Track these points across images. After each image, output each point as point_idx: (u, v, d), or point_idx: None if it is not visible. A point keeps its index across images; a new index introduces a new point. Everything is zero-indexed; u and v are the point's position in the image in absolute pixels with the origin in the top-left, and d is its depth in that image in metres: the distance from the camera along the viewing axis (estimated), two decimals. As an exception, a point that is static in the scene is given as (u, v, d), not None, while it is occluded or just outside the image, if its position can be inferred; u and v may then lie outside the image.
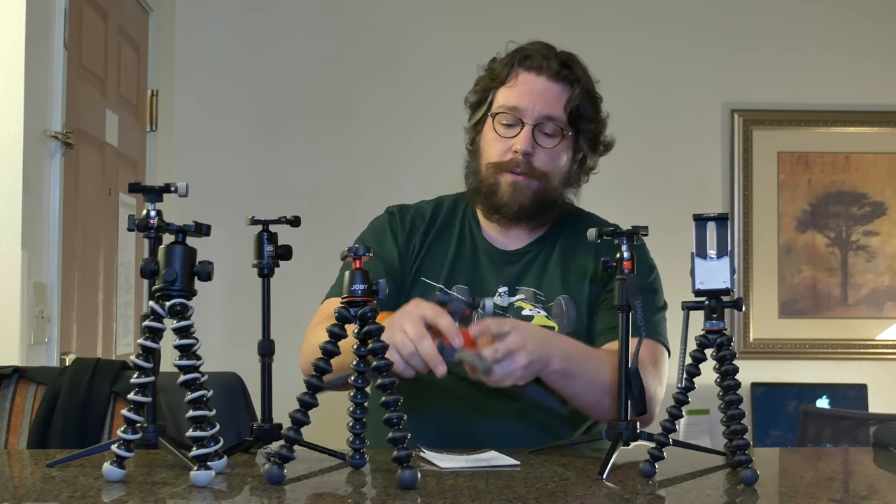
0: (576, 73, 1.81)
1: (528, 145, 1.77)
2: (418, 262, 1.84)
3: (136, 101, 3.28)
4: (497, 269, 1.83)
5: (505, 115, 1.79)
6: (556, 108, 1.78)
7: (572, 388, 1.61)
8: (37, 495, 1.22)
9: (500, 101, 1.81)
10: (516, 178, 1.78)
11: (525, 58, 1.80)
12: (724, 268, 1.28)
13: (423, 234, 1.87)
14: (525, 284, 1.82)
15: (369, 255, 1.26)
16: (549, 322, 1.78)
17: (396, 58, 3.68)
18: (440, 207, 1.92)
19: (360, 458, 1.33)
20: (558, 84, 1.79)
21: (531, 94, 1.78)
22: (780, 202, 3.73)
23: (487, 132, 1.83)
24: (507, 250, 1.86)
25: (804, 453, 1.94)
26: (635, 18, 3.74)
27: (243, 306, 3.37)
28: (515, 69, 1.80)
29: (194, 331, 1.24)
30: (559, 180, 1.82)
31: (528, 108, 1.77)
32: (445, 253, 1.85)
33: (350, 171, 3.66)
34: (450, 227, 1.89)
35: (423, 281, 1.83)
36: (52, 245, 2.51)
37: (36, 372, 1.87)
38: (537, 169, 1.78)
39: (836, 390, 3.58)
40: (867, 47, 3.74)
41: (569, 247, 1.85)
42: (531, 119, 1.77)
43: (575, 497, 1.20)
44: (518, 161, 1.77)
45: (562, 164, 1.82)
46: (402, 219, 1.89)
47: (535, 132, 1.78)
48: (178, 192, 1.34)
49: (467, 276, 1.82)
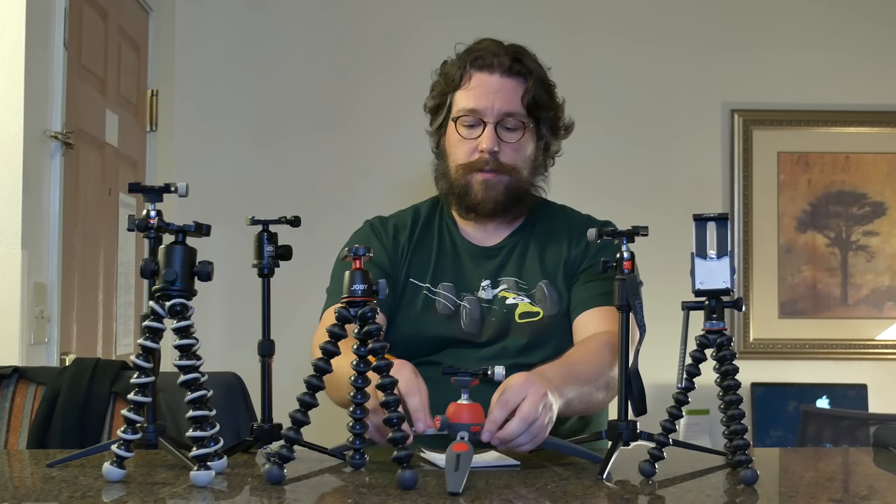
0: (527, 66, 1.85)
1: (492, 143, 1.81)
2: (406, 265, 1.88)
3: (136, 101, 3.28)
4: (478, 265, 1.88)
5: (466, 118, 1.84)
6: (513, 103, 1.82)
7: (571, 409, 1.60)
8: (37, 495, 1.22)
9: (459, 104, 1.85)
10: (486, 176, 1.83)
11: (476, 58, 1.84)
12: (724, 268, 1.28)
13: (408, 237, 1.91)
14: (506, 275, 1.86)
15: (369, 255, 1.27)
16: (533, 307, 1.82)
17: (397, 57, 3.68)
18: (418, 213, 1.97)
19: (360, 458, 1.33)
20: (512, 79, 1.83)
21: (487, 94, 1.82)
22: (780, 202, 3.73)
23: (451, 135, 1.87)
24: (486, 246, 1.91)
25: (804, 453, 1.94)
26: (635, 19, 3.74)
27: (243, 306, 3.37)
28: (468, 70, 1.84)
29: (194, 331, 1.24)
30: (528, 171, 1.87)
31: (487, 107, 1.82)
32: (429, 255, 1.90)
33: (350, 170, 3.66)
34: (429, 230, 1.94)
35: (411, 282, 1.87)
36: (52, 245, 2.51)
37: (36, 372, 1.87)
38: (505, 164, 1.83)
39: (836, 390, 3.58)
40: (867, 47, 3.74)
41: (544, 236, 1.90)
42: (492, 118, 1.82)
43: (575, 497, 1.20)
44: (486, 159, 1.82)
45: (528, 155, 1.87)
46: (384, 226, 1.94)
47: (498, 129, 1.82)
48: (178, 192, 1.34)
49: (451, 275, 1.87)
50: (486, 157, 1.82)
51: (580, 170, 3.53)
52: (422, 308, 1.84)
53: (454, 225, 1.94)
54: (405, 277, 1.87)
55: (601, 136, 3.60)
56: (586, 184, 3.57)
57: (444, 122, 1.89)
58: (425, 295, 1.85)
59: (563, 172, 2.01)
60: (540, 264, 1.86)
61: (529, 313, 1.81)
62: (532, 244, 1.89)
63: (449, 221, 1.94)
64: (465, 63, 1.85)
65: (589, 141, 3.60)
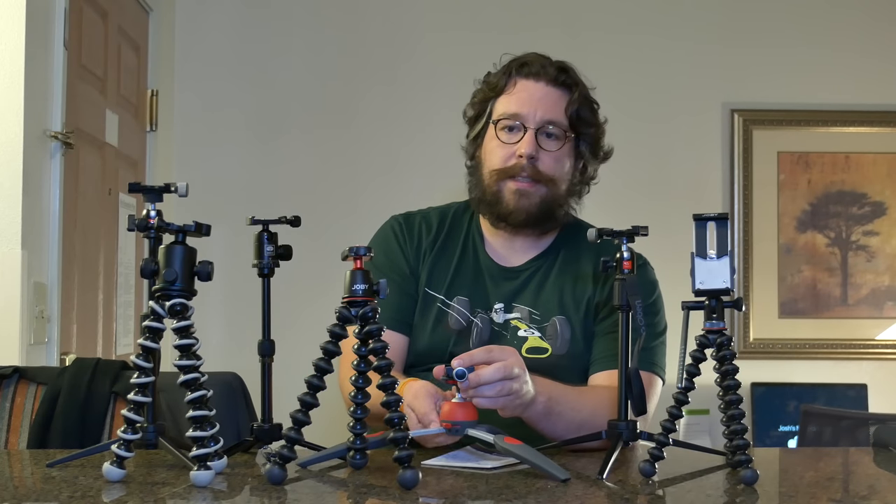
0: (573, 78, 1.83)
1: (532, 148, 1.77)
2: (426, 273, 1.84)
3: (136, 101, 3.28)
4: (496, 285, 1.83)
5: (507, 122, 1.80)
6: (556, 112, 1.80)
7: (552, 427, 1.61)
8: (37, 495, 1.22)
9: (501, 109, 1.82)
10: (521, 185, 1.78)
11: (522, 65, 1.82)
12: (724, 268, 1.28)
13: (431, 241, 1.87)
14: (521, 302, 1.81)
15: (370, 255, 1.27)
16: (542, 343, 1.78)
17: (398, 56, 3.68)
18: (445, 217, 1.92)
19: (361, 458, 1.33)
20: (557, 89, 1.81)
21: (531, 100, 1.79)
22: (780, 202, 3.72)
23: (489, 141, 1.83)
24: (507, 266, 1.86)
25: (804, 453, 1.94)
26: (635, 19, 3.74)
27: (243, 306, 3.37)
28: (513, 77, 1.82)
29: (194, 331, 1.24)
30: (564, 186, 1.82)
31: (530, 112, 1.79)
32: (448, 265, 1.85)
33: (351, 170, 3.65)
34: (454, 239, 1.89)
35: (426, 292, 1.83)
36: (52, 245, 2.51)
37: (36, 372, 1.87)
38: (543, 173, 1.79)
39: (836, 390, 3.58)
40: (867, 47, 3.74)
41: (568, 265, 1.84)
42: (533, 123, 1.78)
43: (575, 497, 1.20)
44: (523, 165, 1.78)
45: (566, 170, 1.82)
46: (410, 229, 1.89)
47: (538, 136, 1.78)
48: (178, 192, 1.34)
49: (468, 290, 1.82)
50: (523, 164, 1.77)
51: (580, 170, 3.54)
52: (434, 321, 1.80)
53: (480, 239, 1.89)
54: (422, 286, 1.83)
55: (601, 136, 3.60)
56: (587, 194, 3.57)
57: (482, 131, 1.85)
58: (438, 308, 1.81)
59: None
60: (559, 298, 1.81)
61: (538, 349, 1.77)
62: (554, 273, 1.84)
63: (476, 234, 1.89)
64: (510, 70, 1.83)
65: (589, 141, 3.60)
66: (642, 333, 1.40)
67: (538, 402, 1.56)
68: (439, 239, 1.88)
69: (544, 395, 1.57)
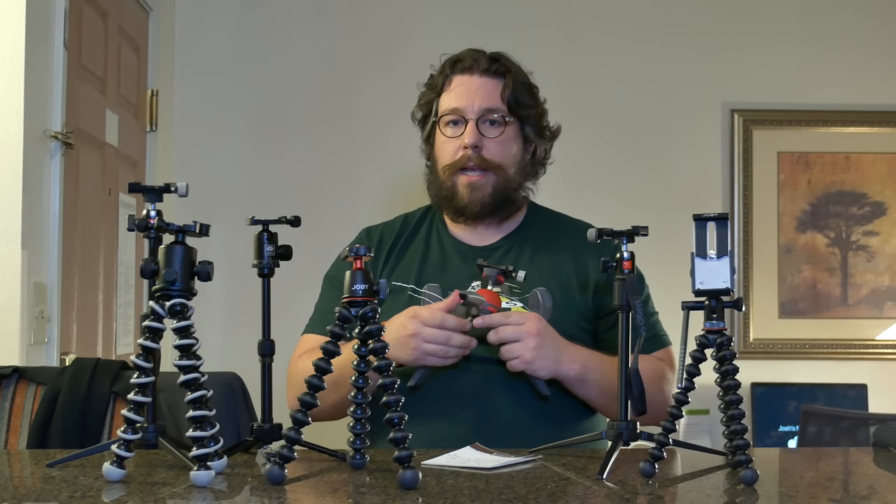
0: (506, 65, 1.91)
1: (474, 138, 1.85)
2: (387, 271, 1.91)
3: (136, 101, 3.28)
4: (468, 265, 1.87)
5: (448, 117, 1.90)
6: (493, 99, 1.88)
7: (587, 392, 1.76)
8: (37, 495, 1.22)
9: (443, 106, 1.92)
10: (472, 178, 1.87)
11: (456, 62, 1.92)
12: (724, 268, 1.28)
13: (390, 246, 1.95)
14: None
15: (370, 255, 1.27)
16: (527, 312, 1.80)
17: (398, 55, 3.68)
18: (410, 218, 2.02)
19: (361, 458, 1.33)
20: (492, 78, 1.90)
21: (468, 93, 1.88)
22: (780, 202, 3.72)
23: (438, 139, 1.93)
24: (479, 246, 1.92)
25: (804, 453, 1.94)
26: (635, 19, 3.73)
27: (243, 306, 3.37)
28: (450, 75, 1.92)
29: (194, 331, 1.24)
30: (514, 170, 1.90)
31: (468, 105, 1.87)
32: (414, 258, 1.92)
33: (351, 170, 3.65)
34: (416, 234, 1.97)
35: (393, 284, 1.88)
36: (52, 245, 2.51)
37: (36, 372, 1.87)
38: (490, 161, 1.86)
39: (836, 390, 3.58)
40: (867, 47, 3.73)
41: (541, 242, 1.92)
42: (473, 114, 1.87)
43: (575, 497, 1.20)
44: (469, 156, 1.86)
45: (513, 153, 1.90)
46: (370, 237, 1.98)
47: (480, 125, 1.87)
48: (178, 192, 1.34)
49: (437, 275, 1.88)
50: (469, 154, 1.85)
51: (580, 170, 3.54)
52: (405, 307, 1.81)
53: (444, 227, 1.96)
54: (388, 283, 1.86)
55: (601, 136, 3.60)
56: (585, 184, 3.57)
57: (431, 131, 1.94)
58: (409, 295, 1.86)
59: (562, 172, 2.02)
60: (538, 270, 1.85)
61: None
62: (528, 248, 1.90)
63: (439, 224, 1.97)
64: (446, 68, 1.93)
65: (588, 141, 3.60)
66: (642, 333, 1.40)
67: (570, 370, 1.72)
68: (402, 237, 1.96)
69: (579, 363, 1.72)
